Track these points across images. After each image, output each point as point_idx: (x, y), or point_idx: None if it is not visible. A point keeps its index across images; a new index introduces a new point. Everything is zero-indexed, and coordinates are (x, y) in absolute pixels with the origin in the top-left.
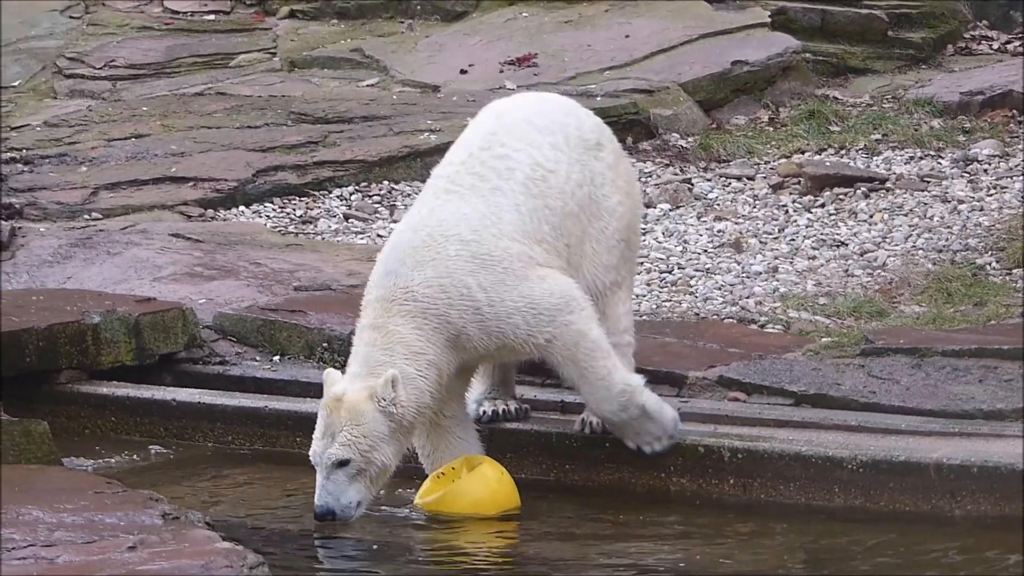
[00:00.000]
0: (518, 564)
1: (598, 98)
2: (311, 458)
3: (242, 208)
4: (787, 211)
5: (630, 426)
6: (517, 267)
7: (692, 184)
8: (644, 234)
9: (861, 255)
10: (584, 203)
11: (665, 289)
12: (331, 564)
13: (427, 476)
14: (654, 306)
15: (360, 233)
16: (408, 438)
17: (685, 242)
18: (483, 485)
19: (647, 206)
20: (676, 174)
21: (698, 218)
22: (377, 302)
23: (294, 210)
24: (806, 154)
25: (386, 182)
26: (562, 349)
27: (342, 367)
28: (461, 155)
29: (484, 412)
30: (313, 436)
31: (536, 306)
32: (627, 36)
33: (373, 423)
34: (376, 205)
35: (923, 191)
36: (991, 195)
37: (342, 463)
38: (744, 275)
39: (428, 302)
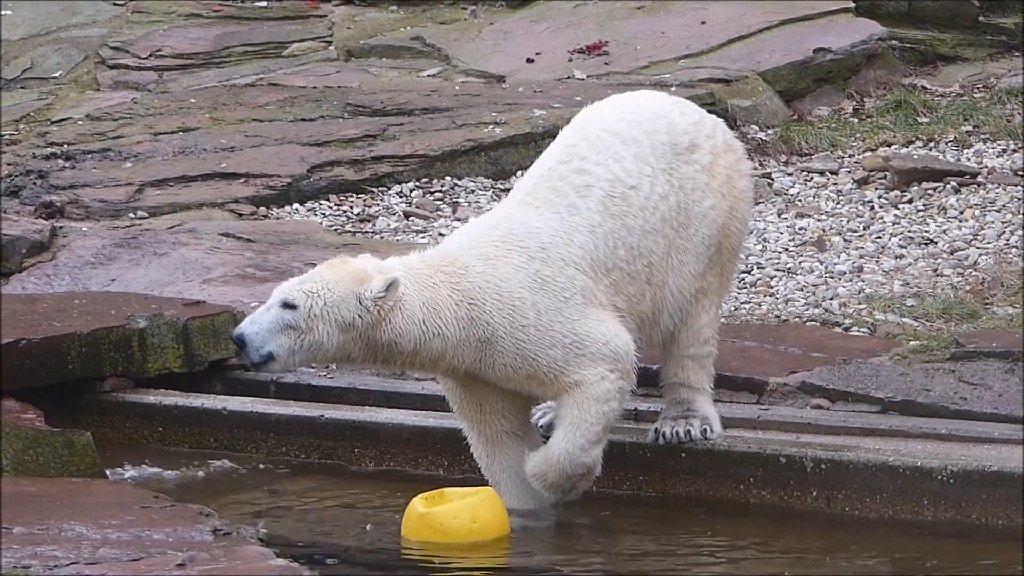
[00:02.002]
0: None
1: (672, 88)
2: (275, 290)
3: (296, 206)
4: (872, 207)
5: (555, 492)
6: (578, 301)
7: (772, 179)
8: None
9: (951, 254)
10: (670, 215)
11: (744, 290)
12: None
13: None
14: (733, 308)
15: (421, 232)
16: (360, 346)
17: (765, 240)
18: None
19: None
20: (755, 168)
21: (779, 215)
22: (431, 268)
23: (351, 208)
24: (892, 147)
25: (448, 178)
26: (581, 396)
27: (401, 375)
28: (541, 169)
29: (543, 423)
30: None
31: (583, 347)
32: (703, 22)
33: (341, 300)
34: (438, 202)
35: (1016, 186)
36: None
37: (288, 305)
38: (827, 275)
39: (479, 292)
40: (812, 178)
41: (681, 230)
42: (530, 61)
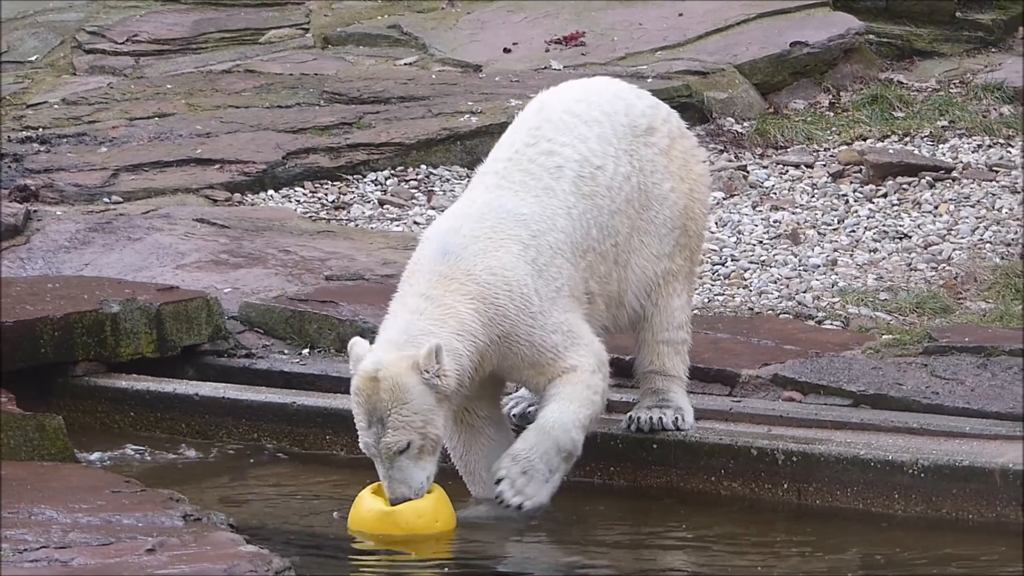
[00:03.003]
0: (553, 571)
1: (649, 79)
2: (364, 450)
3: (271, 192)
4: (847, 201)
5: (543, 461)
6: (566, 293)
7: (747, 171)
8: None
9: (925, 248)
10: (633, 195)
11: (718, 282)
12: (361, 569)
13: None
14: (706, 300)
15: (396, 220)
16: (454, 403)
17: (739, 233)
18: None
19: None
20: (731, 160)
21: (753, 207)
22: (431, 274)
23: (326, 195)
24: (868, 141)
25: (424, 166)
26: (576, 378)
27: None
28: (507, 152)
29: (515, 412)
30: (356, 425)
31: (578, 336)
32: (680, 14)
33: (420, 397)
34: (413, 190)
35: (991, 181)
36: None
37: (403, 449)
38: (801, 268)
39: (489, 288)
40: (787, 171)
41: (642, 211)
42: (507, 51)
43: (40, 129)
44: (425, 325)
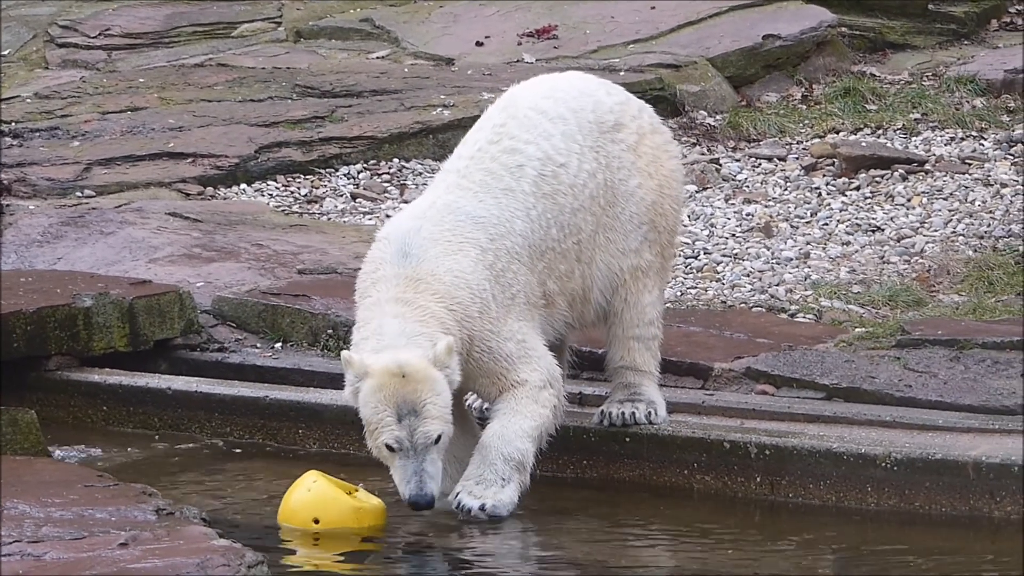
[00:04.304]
0: (528, 564)
1: (621, 73)
2: (395, 444)
3: (243, 186)
4: (820, 194)
5: (491, 471)
6: (521, 301)
7: (720, 164)
8: None
9: (898, 241)
10: (598, 192)
11: (690, 275)
12: (333, 563)
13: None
14: (679, 293)
15: (368, 213)
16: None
17: (712, 226)
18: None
19: None
20: (703, 154)
21: (726, 200)
22: (398, 279)
23: (298, 189)
24: (841, 134)
25: (396, 160)
26: (522, 392)
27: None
28: (471, 149)
29: (484, 406)
30: (378, 424)
31: (531, 349)
32: (652, 7)
33: (446, 390)
34: (385, 184)
35: (964, 174)
36: None
37: (436, 440)
38: (774, 261)
39: (454, 288)
40: (760, 164)
41: (608, 208)
42: (479, 44)
43: (12, 123)
44: (414, 327)
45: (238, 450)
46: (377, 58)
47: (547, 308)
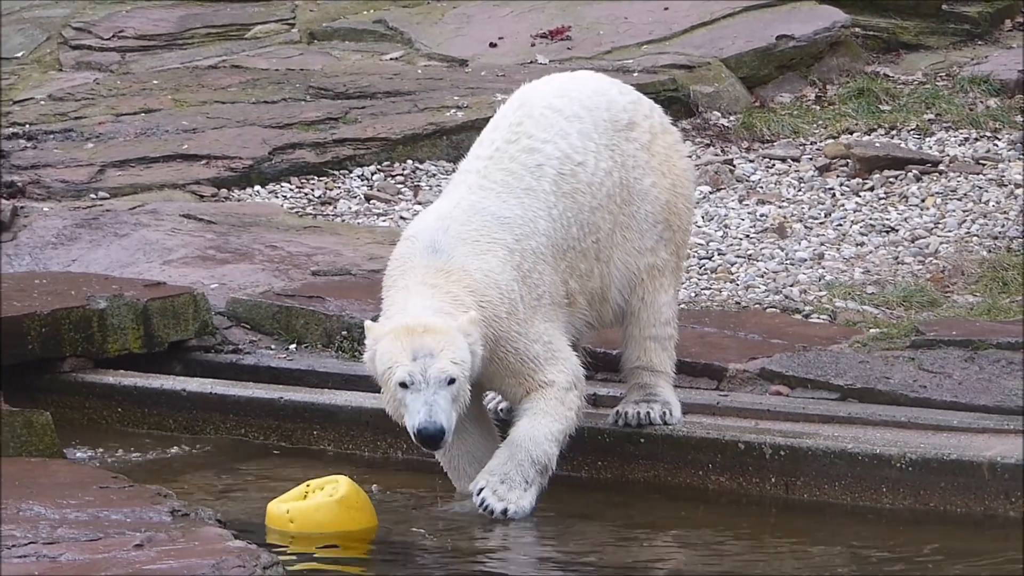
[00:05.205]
0: (543, 565)
1: (635, 74)
2: (407, 380)
3: (257, 188)
4: (834, 195)
5: (518, 472)
6: (547, 302)
7: (734, 165)
8: None
9: (912, 242)
10: (614, 191)
11: (704, 276)
12: (348, 564)
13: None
14: (693, 294)
15: (382, 215)
16: (466, 393)
17: (726, 227)
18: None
19: None
20: (717, 154)
21: (740, 201)
22: (427, 268)
23: (312, 190)
24: (854, 134)
25: (410, 161)
26: (550, 393)
27: (361, 357)
28: (488, 149)
29: (501, 407)
30: (394, 364)
31: (557, 351)
32: (666, 8)
33: (466, 353)
34: (399, 185)
35: (978, 174)
36: None
37: (451, 380)
38: (788, 262)
39: (484, 287)
40: (774, 165)
41: (624, 206)
42: (493, 45)
43: (27, 125)
44: (442, 304)
45: (253, 451)
46: (390, 59)
47: (569, 307)
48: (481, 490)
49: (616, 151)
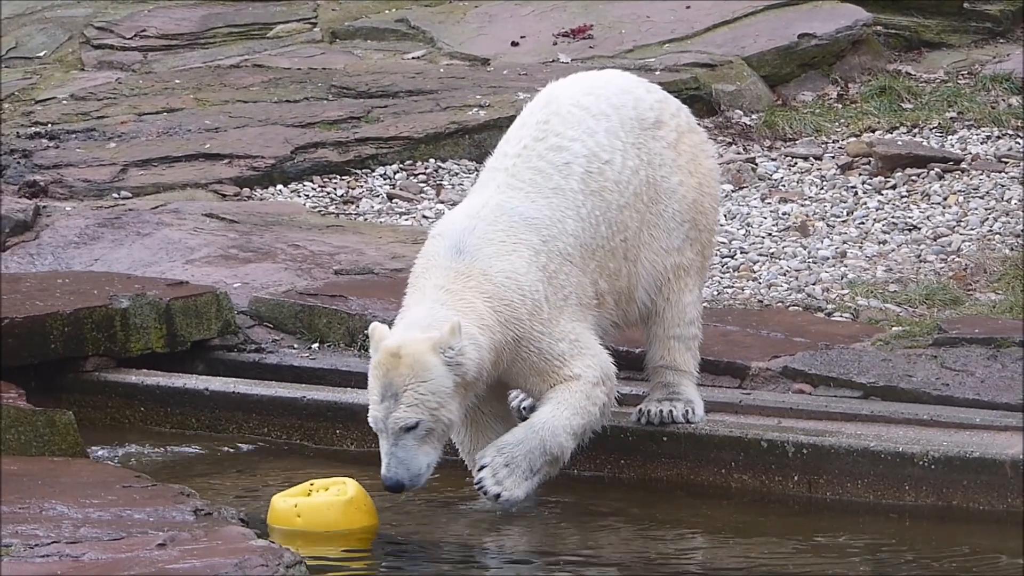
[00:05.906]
0: (565, 563)
1: (657, 72)
2: (372, 424)
3: (280, 187)
4: (856, 193)
5: (526, 459)
6: (573, 302)
7: (756, 164)
8: None
9: (934, 240)
10: (641, 189)
11: (727, 274)
12: (371, 563)
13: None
14: (715, 292)
15: (405, 214)
16: (469, 394)
17: (748, 225)
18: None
19: None
20: (739, 153)
21: (762, 200)
22: (448, 271)
23: (335, 189)
24: (877, 133)
25: (432, 160)
26: (576, 386)
27: None
28: (516, 147)
29: (524, 406)
30: (369, 399)
31: (585, 347)
32: (688, 7)
33: (439, 377)
34: (422, 184)
35: (1000, 172)
36: None
37: (410, 427)
38: (810, 260)
39: (505, 291)
40: (796, 163)
41: (651, 205)
42: (515, 44)
43: (49, 125)
44: (447, 313)
45: (276, 450)
46: (413, 58)
47: (599, 308)
48: (483, 467)
49: (643, 149)
